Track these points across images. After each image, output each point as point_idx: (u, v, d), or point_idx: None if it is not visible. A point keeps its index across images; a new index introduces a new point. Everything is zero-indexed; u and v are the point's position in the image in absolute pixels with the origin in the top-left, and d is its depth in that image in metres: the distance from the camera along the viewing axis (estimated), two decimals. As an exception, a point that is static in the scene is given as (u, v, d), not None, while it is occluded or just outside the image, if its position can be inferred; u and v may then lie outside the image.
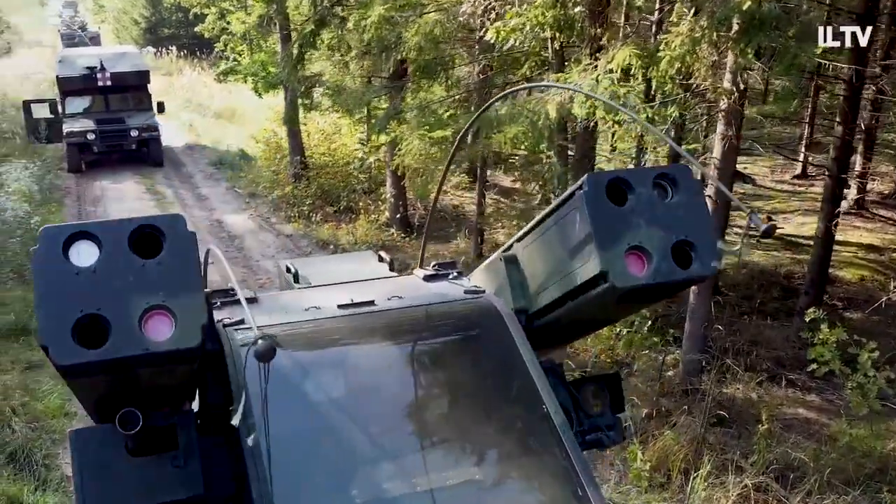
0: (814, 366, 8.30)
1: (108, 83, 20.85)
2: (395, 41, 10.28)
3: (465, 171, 19.24)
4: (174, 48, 37.07)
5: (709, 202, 8.04)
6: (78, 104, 20.89)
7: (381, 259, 4.71)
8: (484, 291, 3.66)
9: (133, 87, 21.49)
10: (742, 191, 18.37)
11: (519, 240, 3.55)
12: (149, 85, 21.91)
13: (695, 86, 8.64)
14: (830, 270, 12.64)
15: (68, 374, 2.53)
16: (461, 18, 10.23)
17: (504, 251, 3.67)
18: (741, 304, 12.72)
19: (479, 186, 15.15)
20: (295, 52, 14.14)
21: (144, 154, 21.10)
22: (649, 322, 9.46)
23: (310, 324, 3.46)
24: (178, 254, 2.52)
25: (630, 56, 8.04)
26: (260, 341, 2.31)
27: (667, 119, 8.65)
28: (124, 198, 18.40)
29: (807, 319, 8.37)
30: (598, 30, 9.50)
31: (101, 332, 2.45)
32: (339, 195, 17.66)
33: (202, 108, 28.40)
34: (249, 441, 2.81)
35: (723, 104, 8.99)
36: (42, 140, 20.04)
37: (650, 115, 8.36)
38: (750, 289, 13.33)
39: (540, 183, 13.51)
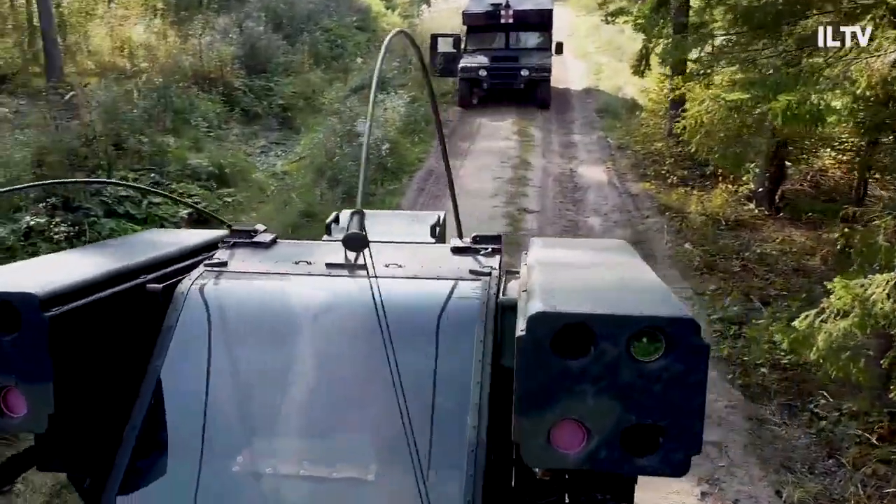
0: None
1: (510, 21, 20.99)
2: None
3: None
4: (620, -11, 36.42)
5: None
6: (478, 40, 21.40)
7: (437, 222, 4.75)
8: (489, 274, 3.25)
9: (534, 26, 21.41)
10: None
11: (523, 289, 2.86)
12: (551, 25, 21.64)
13: None
14: None
15: None
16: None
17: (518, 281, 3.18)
18: None
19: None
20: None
21: (533, 95, 20.92)
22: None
23: (278, 278, 3.39)
24: (31, 336, 2.57)
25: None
26: None
27: None
28: (494, 136, 18.54)
29: None
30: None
31: None
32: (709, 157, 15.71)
33: (620, 51, 27.50)
34: (147, 382, 2.95)
35: None
36: (438, 73, 20.76)
37: None
38: None
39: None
